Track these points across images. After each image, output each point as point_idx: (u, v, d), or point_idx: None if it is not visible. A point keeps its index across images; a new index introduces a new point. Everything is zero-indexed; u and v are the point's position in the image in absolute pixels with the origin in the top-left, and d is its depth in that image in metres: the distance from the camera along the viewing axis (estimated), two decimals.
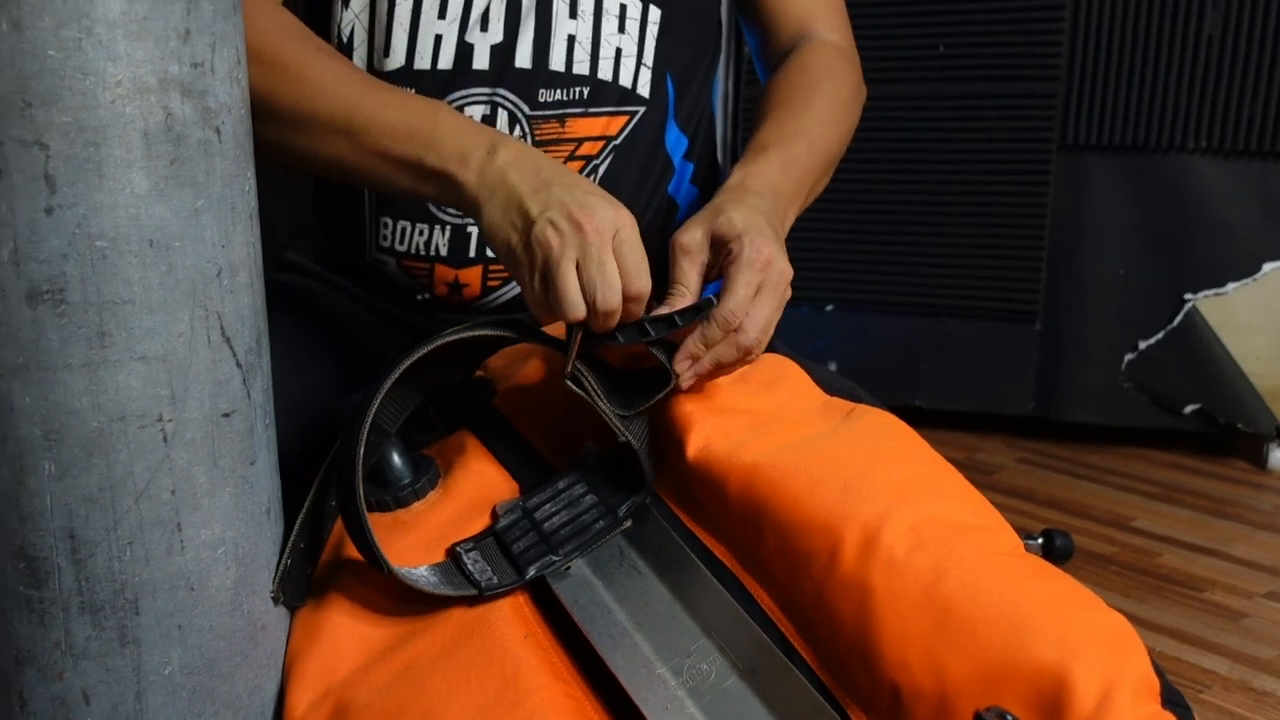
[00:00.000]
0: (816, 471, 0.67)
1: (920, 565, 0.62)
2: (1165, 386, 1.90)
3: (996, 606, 0.60)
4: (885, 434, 0.73)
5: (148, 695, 0.64)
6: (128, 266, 0.60)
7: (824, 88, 0.93)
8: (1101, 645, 0.58)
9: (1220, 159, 1.80)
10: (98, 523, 0.61)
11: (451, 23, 0.87)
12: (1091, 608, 0.62)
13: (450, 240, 0.88)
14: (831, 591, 0.64)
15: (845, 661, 0.63)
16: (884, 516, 0.64)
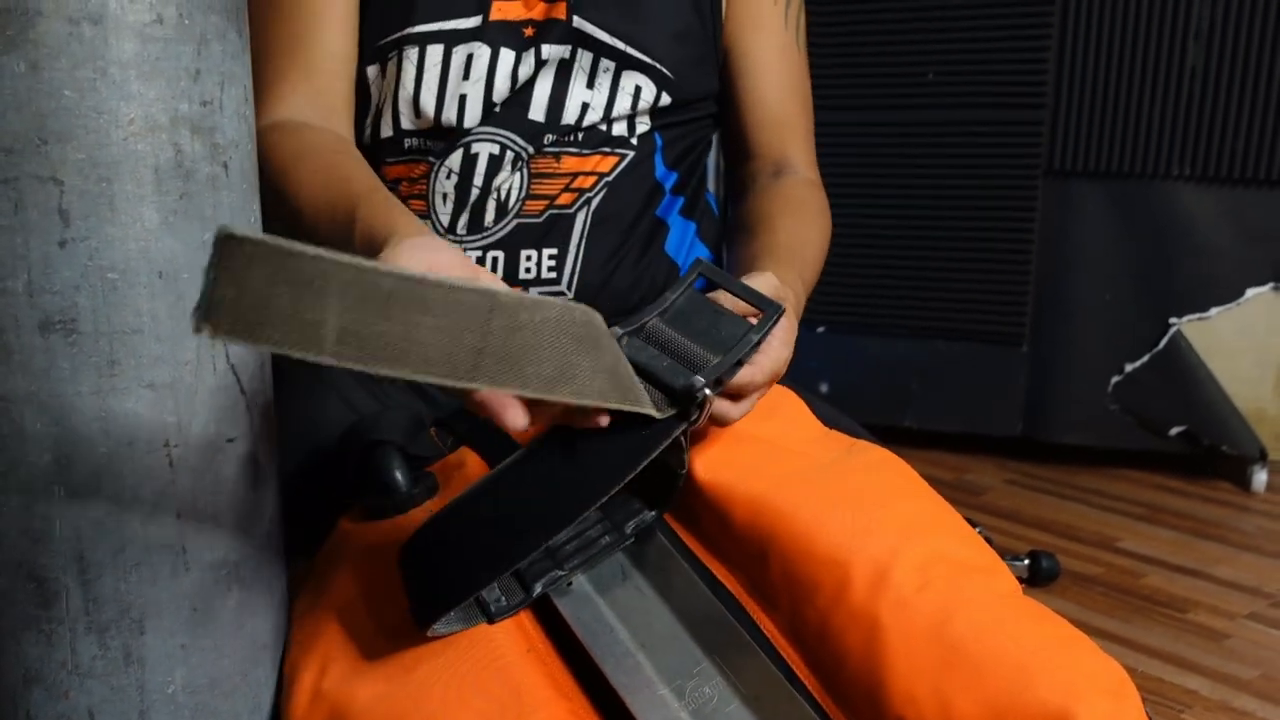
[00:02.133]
0: (823, 502, 0.69)
1: (929, 605, 0.64)
2: (1151, 409, 1.93)
3: (1003, 648, 0.62)
4: (889, 471, 0.75)
5: (151, 713, 0.66)
6: (137, 297, 0.62)
7: (818, 224, 0.99)
8: (1101, 691, 0.61)
9: (1204, 186, 1.83)
10: (105, 545, 0.63)
11: (476, 83, 0.91)
12: (1090, 653, 0.64)
13: None
14: (838, 623, 0.65)
15: (850, 693, 0.65)
16: (894, 553, 0.66)
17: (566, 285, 0.92)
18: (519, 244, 0.91)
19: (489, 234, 0.91)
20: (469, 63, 0.90)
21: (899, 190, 1.98)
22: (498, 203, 0.91)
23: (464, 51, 0.90)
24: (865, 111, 1.96)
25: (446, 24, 0.90)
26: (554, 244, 0.91)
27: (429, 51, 0.90)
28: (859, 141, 1.98)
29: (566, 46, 0.91)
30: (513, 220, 0.91)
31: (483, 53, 0.89)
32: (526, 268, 0.91)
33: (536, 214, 0.91)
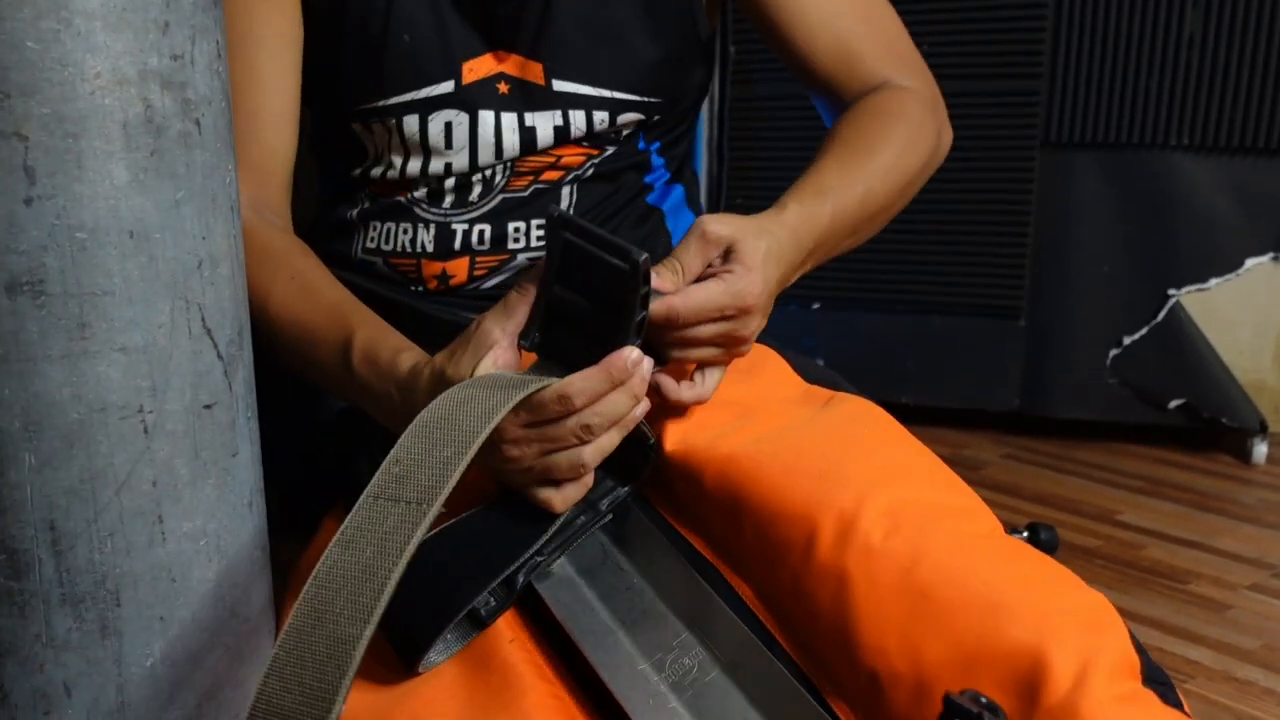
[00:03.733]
0: (792, 460, 0.67)
1: (896, 550, 0.62)
2: (1150, 382, 1.91)
3: (972, 589, 0.60)
4: (862, 421, 0.73)
5: (129, 687, 0.64)
6: (107, 258, 0.59)
7: (895, 133, 0.86)
8: (1078, 624, 0.58)
9: (1203, 155, 1.81)
10: (78, 514, 0.61)
11: (460, 152, 0.88)
12: (1069, 587, 0.62)
13: (435, 237, 0.89)
14: (809, 581, 0.64)
15: (824, 650, 0.64)
16: (860, 502, 0.64)
17: None
18: (506, 217, 0.89)
19: (474, 208, 0.89)
20: (448, 132, 0.87)
21: None
22: (484, 182, 0.89)
23: (441, 119, 0.87)
24: None
25: (419, 93, 0.87)
26: (541, 214, 0.90)
27: (405, 122, 0.87)
28: None
29: (555, 112, 0.88)
30: (498, 196, 0.89)
31: (461, 120, 0.87)
32: (515, 237, 0.89)
33: (522, 189, 0.90)
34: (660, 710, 0.62)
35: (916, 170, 0.88)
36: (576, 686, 0.65)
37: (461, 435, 0.59)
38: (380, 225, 0.91)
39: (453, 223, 0.89)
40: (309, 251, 0.86)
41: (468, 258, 0.89)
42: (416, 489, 0.58)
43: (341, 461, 0.86)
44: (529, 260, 0.90)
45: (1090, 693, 0.55)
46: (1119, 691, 0.56)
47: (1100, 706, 0.55)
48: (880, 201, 0.83)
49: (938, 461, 0.72)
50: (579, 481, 0.68)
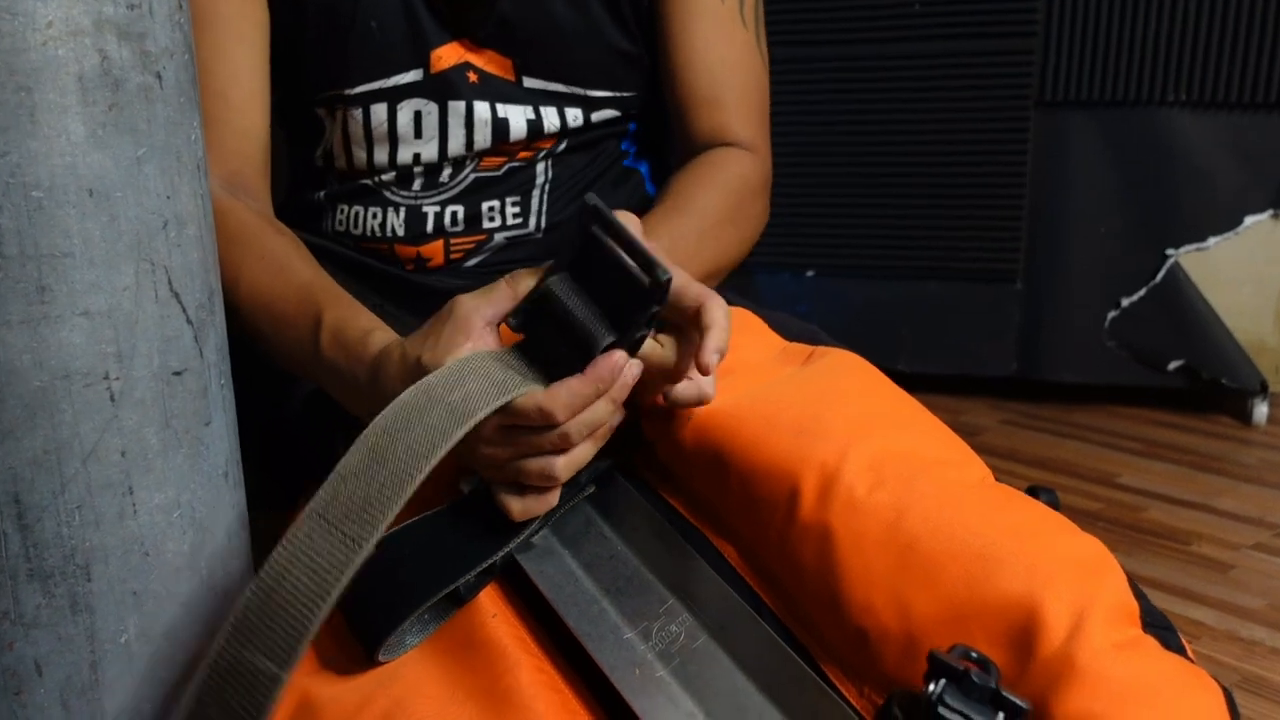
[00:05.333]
0: (771, 416, 0.65)
1: (881, 503, 0.60)
2: (1148, 343, 1.89)
3: (961, 540, 0.58)
4: (843, 372, 0.71)
5: (103, 664, 0.62)
6: (66, 218, 0.57)
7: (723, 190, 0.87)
8: (1073, 571, 0.56)
9: (1200, 111, 1.78)
10: (44, 486, 0.59)
11: (429, 142, 0.86)
12: (1063, 533, 0.60)
13: (406, 221, 0.87)
14: (793, 539, 0.62)
15: (812, 611, 0.62)
16: (842, 455, 0.62)
17: (535, 228, 0.88)
18: (479, 196, 0.87)
19: (445, 189, 0.87)
20: (418, 121, 0.85)
21: (884, 127, 1.92)
22: (454, 163, 0.86)
23: (410, 109, 0.85)
24: (847, 45, 1.90)
25: (387, 81, 0.84)
26: (516, 191, 0.87)
27: (373, 111, 0.85)
28: (841, 77, 1.91)
29: (527, 107, 0.85)
30: (470, 175, 0.87)
31: (430, 110, 0.84)
32: (490, 216, 0.87)
33: (495, 168, 0.87)
34: (647, 679, 0.60)
35: (746, 224, 0.88)
36: (562, 659, 0.63)
37: (407, 461, 0.56)
38: (348, 208, 0.88)
39: (423, 205, 0.86)
40: (284, 230, 0.83)
41: (442, 240, 0.87)
42: (351, 521, 0.55)
43: (318, 435, 0.84)
44: (506, 240, 0.87)
45: (1087, 641, 0.53)
46: (1117, 639, 0.54)
47: (1098, 655, 0.53)
48: (716, 248, 0.83)
49: (923, 410, 0.70)
50: (543, 495, 0.65)
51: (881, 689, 0.59)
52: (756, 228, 0.90)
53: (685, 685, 0.60)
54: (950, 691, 0.51)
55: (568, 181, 0.89)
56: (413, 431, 0.57)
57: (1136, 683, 0.53)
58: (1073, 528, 0.61)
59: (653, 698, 0.60)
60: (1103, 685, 0.52)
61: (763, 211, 0.91)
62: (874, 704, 0.59)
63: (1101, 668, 0.53)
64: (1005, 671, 0.54)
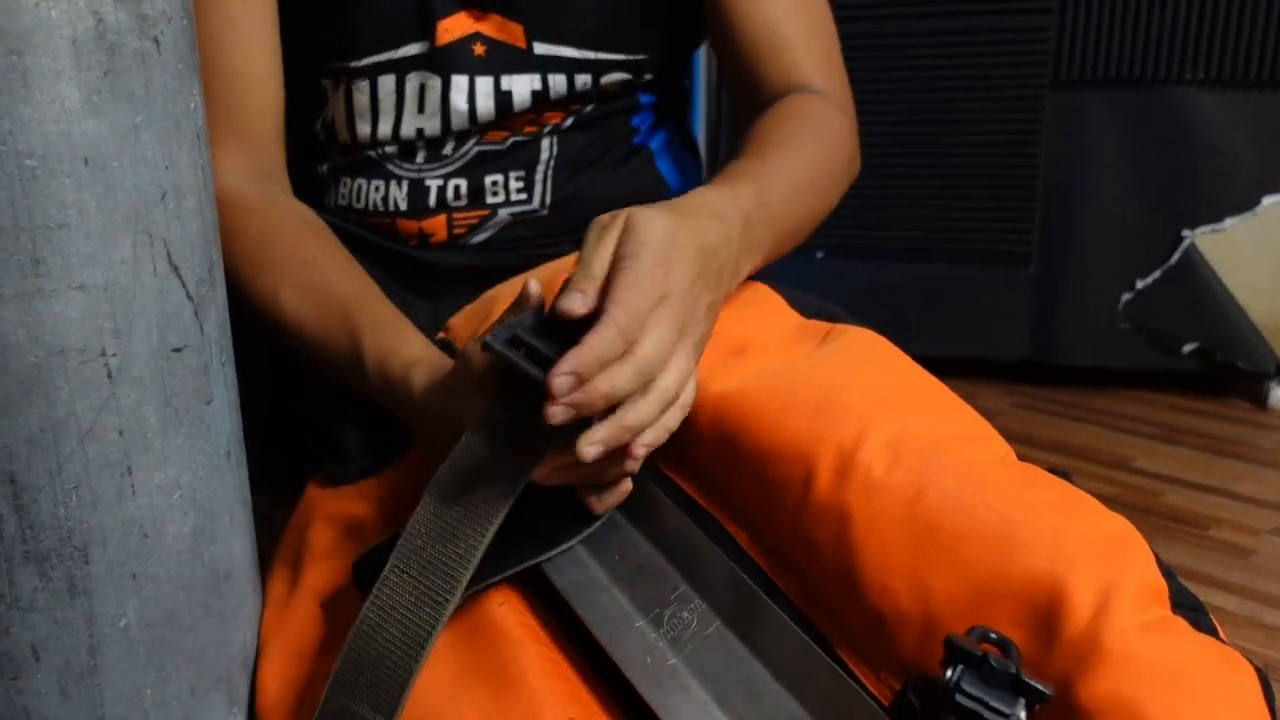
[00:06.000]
0: (788, 396, 0.63)
1: (899, 483, 0.58)
2: (1163, 326, 1.86)
3: (982, 519, 0.56)
4: (862, 351, 0.69)
5: (102, 649, 0.60)
6: (61, 187, 0.55)
7: (819, 134, 0.81)
8: (1099, 550, 0.54)
9: (1218, 90, 1.75)
10: (39, 465, 0.57)
11: (432, 117, 0.83)
12: (1088, 512, 0.58)
13: (408, 194, 0.85)
14: (809, 521, 0.60)
15: (828, 595, 0.60)
16: (860, 435, 0.60)
17: (540, 204, 0.86)
18: (483, 170, 0.84)
19: (448, 163, 0.84)
20: (422, 94, 0.83)
21: (895, 106, 1.89)
22: (457, 137, 0.84)
23: (416, 80, 0.82)
24: (858, 23, 1.87)
25: (395, 53, 0.82)
26: (520, 166, 0.85)
27: (380, 82, 0.83)
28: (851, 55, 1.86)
29: (534, 76, 0.83)
30: (474, 149, 0.84)
31: (434, 83, 0.82)
32: (493, 191, 0.85)
33: (499, 141, 0.85)
34: (659, 668, 0.59)
35: (839, 176, 0.83)
36: (572, 648, 0.62)
37: (481, 516, 0.58)
38: (351, 181, 0.86)
39: (426, 179, 0.84)
40: (318, 227, 0.82)
41: (444, 215, 0.85)
42: (435, 577, 0.58)
43: (325, 418, 0.82)
44: (511, 216, 0.85)
45: (1113, 621, 0.51)
46: (1145, 619, 0.52)
47: (1125, 635, 0.51)
48: (802, 199, 0.77)
49: (944, 389, 0.67)
50: (622, 485, 0.65)
51: (900, 674, 0.57)
52: (847, 180, 0.85)
53: (697, 673, 0.58)
54: (968, 677, 0.49)
55: (574, 158, 0.86)
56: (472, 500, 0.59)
57: (1166, 664, 0.51)
58: (1098, 506, 0.59)
59: (664, 686, 0.58)
60: (1131, 666, 0.50)
61: (850, 162, 0.85)
62: (892, 690, 0.57)
63: (1129, 648, 0.51)
64: (1028, 653, 0.52)
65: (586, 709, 0.59)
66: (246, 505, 0.69)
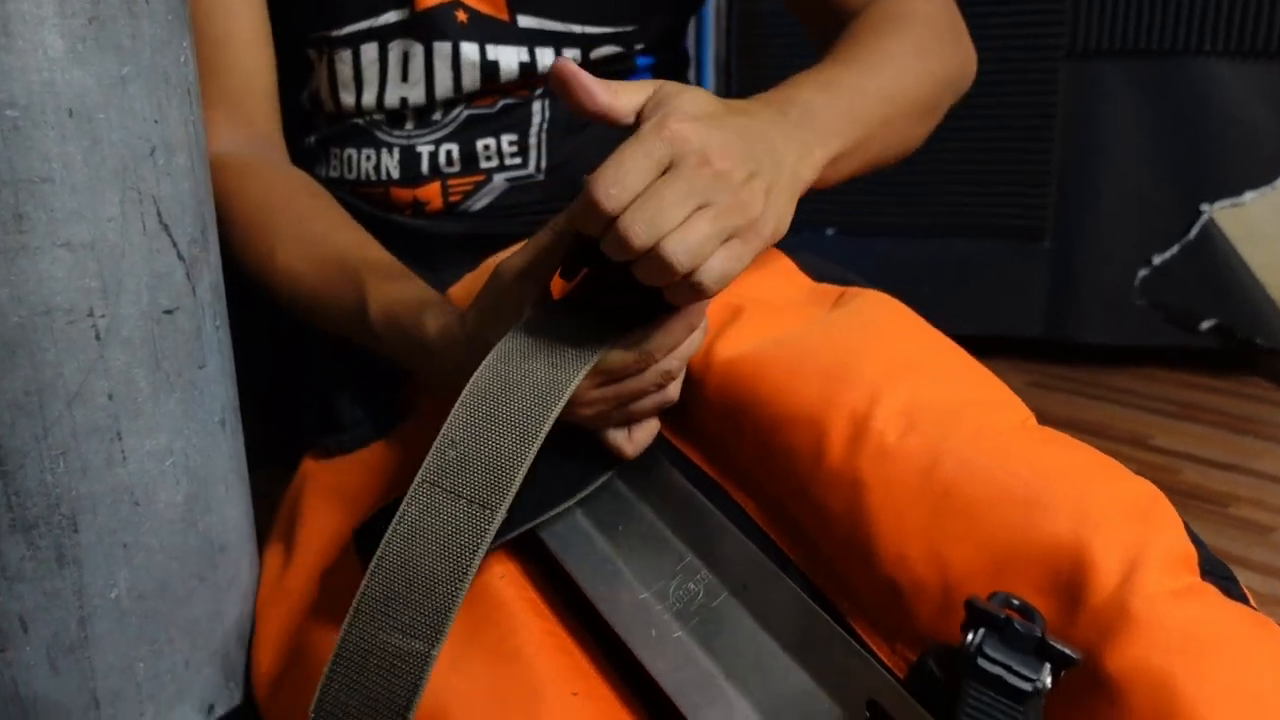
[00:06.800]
0: (798, 360, 0.61)
1: (914, 449, 0.56)
2: (1181, 302, 1.83)
3: (1001, 484, 0.54)
4: (874, 314, 0.66)
5: (93, 620, 0.58)
6: (45, 139, 0.53)
7: (915, 34, 0.75)
8: (1124, 515, 0.52)
9: (1238, 61, 1.72)
10: (25, 430, 0.55)
11: (415, 85, 0.81)
12: (1113, 476, 0.55)
13: (400, 161, 0.82)
14: (820, 489, 0.58)
15: (840, 565, 0.58)
16: (873, 400, 0.58)
17: (536, 169, 0.83)
18: (474, 134, 0.82)
19: (438, 128, 0.82)
20: (405, 62, 0.80)
21: None
22: (443, 105, 0.82)
23: (399, 48, 0.80)
24: None
25: (377, 20, 0.79)
26: (513, 129, 0.82)
27: (363, 51, 0.80)
28: None
29: (521, 49, 0.80)
30: (464, 113, 0.82)
31: (416, 50, 0.80)
32: (486, 155, 0.82)
33: (489, 105, 0.82)
34: (664, 641, 0.57)
35: (943, 76, 0.77)
36: (574, 621, 0.60)
37: (522, 422, 0.53)
38: (341, 152, 0.84)
39: (417, 145, 0.82)
40: (313, 187, 0.80)
41: (438, 182, 0.82)
42: (476, 486, 0.52)
43: (322, 391, 0.80)
44: (507, 182, 0.83)
45: (1141, 588, 0.49)
46: (1174, 585, 0.50)
47: (1154, 602, 0.49)
48: (900, 90, 0.71)
49: (961, 353, 0.65)
50: (651, 423, 0.62)
51: (915, 645, 0.55)
52: (953, 76, 0.79)
53: (704, 645, 0.57)
54: (991, 641, 0.47)
55: (568, 121, 0.84)
56: (513, 401, 0.54)
57: (1197, 631, 0.49)
58: (1123, 470, 0.56)
59: (669, 659, 0.56)
60: (1160, 634, 0.48)
61: (960, 63, 0.79)
62: (907, 661, 0.55)
63: (1158, 616, 0.48)
64: (1052, 622, 0.50)
65: (589, 683, 0.57)
66: (242, 475, 0.67)
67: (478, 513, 0.52)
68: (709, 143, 0.51)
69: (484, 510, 0.52)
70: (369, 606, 0.51)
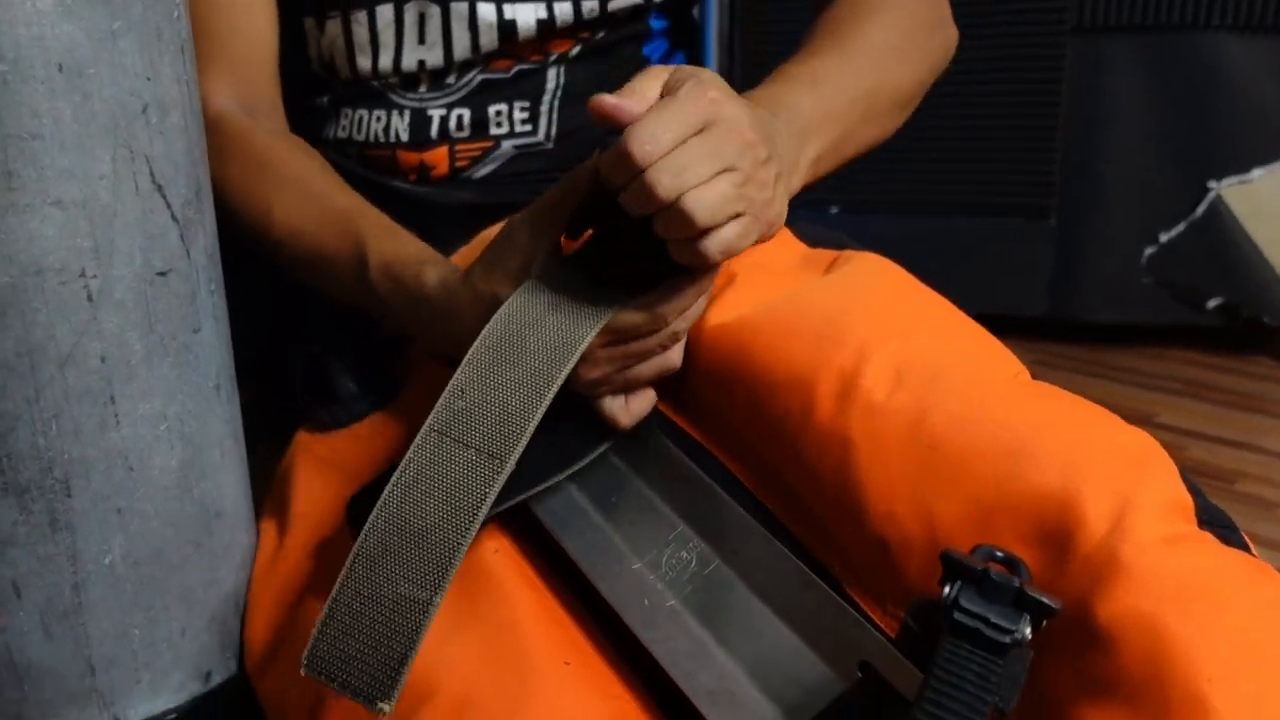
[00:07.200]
0: (789, 324, 0.60)
1: (902, 405, 0.55)
2: (1187, 280, 1.82)
3: (990, 436, 0.52)
4: (868, 275, 0.65)
5: (87, 586, 0.57)
6: (34, 94, 0.52)
7: (884, 16, 0.75)
8: (1115, 462, 0.50)
9: (1247, 36, 1.70)
10: (16, 392, 0.54)
11: (433, 48, 0.80)
12: (1106, 425, 0.54)
13: (410, 124, 0.81)
14: (810, 451, 0.57)
15: (831, 526, 0.57)
16: (861, 358, 0.57)
17: (545, 137, 0.82)
18: (486, 99, 0.81)
19: (451, 91, 0.81)
20: (422, 24, 0.79)
21: None
22: (461, 66, 0.81)
23: (415, 9, 0.79)
24: None
25: None
26: (525, 96, 0.82)
27: (379, 13, 0.79)
28: None
29: (539, 4, 0.79)
30: (477, 77, 0.81)
31: (433, 11, 0.78)
32: (497, 122, 0.82)
33: (504, 70, 0.81)
34: (657, 611, 0.56)
35: (923, 66, 0.77)
36: (567, 593, 0.59)
37: (535, 375, 0.53)
38: (352, 113, 0.83)
39: (429, 108, 0.81)
40: (312, 152, 0.79)
41: (446, 146, 0.82)
42: (485, 436, 0.52)
43: (317, 364, 0.80)
44: (515, 149, 0.82)
45: (1131, 534, 0.47)
46: (1167, 532, 0.48)
47: (1145, 549, 0.47)
48: (877, 81, 0.72)
49: (954, 310, 0.64)
50: (648, 392, 0.62)
51: (906, 604, 0.54)
52: (934, 62, 0.79)
53: (697, 613, 0.56)
54: (967, 594, 0.45)
55: (581, 89, 0.83)
56: (522, 355, 0.54)
57: (1190, 578, 0.47)
58: (1116, 420, 0.55)
59: (662, 628, 0.55)
60: (1152, 581, 0.46)
61: (941, 45, 0.80)
62: (898, 620, 0.54)
63: (1150, 563, 0.47)
64: (1041, 573, 0.49)
65: (582, 654, 0.56)
66: (239, 442, 0.66)
67: (486, 462, 0.52)
68: (742, 115, 0.54)
69: (493, 460, 0.51)
70: (368, 557, 0.51)
